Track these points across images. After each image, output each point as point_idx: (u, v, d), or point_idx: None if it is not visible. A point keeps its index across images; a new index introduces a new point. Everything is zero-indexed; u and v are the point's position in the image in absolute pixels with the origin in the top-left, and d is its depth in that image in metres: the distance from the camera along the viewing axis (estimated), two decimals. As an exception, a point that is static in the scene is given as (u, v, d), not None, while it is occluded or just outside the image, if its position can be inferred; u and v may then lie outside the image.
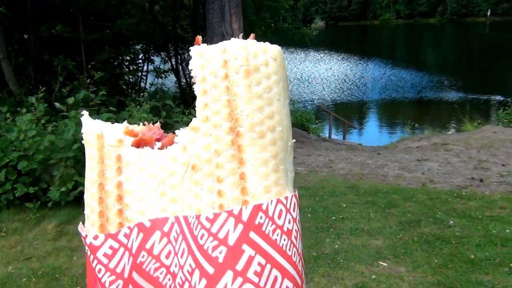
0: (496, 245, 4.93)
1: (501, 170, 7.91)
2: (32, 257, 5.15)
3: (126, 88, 14.84)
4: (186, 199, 0.78)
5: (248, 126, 0.76)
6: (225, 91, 0.77)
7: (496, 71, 33.62)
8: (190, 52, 0.80)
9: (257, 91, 0.77)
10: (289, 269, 0.74)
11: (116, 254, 0.79)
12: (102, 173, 0.83)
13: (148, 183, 0.81)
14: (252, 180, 0.76)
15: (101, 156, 0.84)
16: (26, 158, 6.30)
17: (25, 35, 11.88)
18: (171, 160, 0.80)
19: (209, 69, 0.78)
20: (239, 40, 0.80)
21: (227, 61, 0.78)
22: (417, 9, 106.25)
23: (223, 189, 0.75)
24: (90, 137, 0.86)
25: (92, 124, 0.89)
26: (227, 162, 0.76)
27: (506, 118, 14.54)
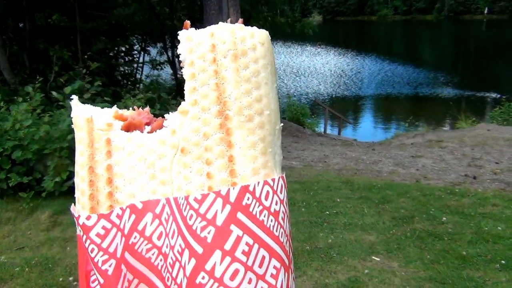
0: (488, 242, 4.98)
1: (494, 167, 7.97)
2: (25, 247, 5.14)
3: (121, 79, 14.75)
4: (176, 181, 0.79)
5: (236, 109, 0.77)
6: (213, 75, 0.78)
7: (492, 69, 33.73)
8: (178, 37, 0.80)
9: (244, 75, 0.78)
10: (277, 249, 0.76)
11: (109, 234, 0.80)
12: (92, 157, 0.84)
13: (137, 166, 0.82)
14: (240, 163, 0.77)
15: (91, 139, 0.84)
16: (20, 147, 6.27)
17: (20, 24, 11.77)
18: (160, 142, 0.80)
19: (197, 53, 0.79)
20: (226, 24, 0.80)
21: (215, 45, 0.78)
22: (415, 6, 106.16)
23: (212, 171, 0.77)
24: (80, 121, 0.86)
25: (81, 108, 0.89)
26: (216, 145, 0.77)
27: (501, 116, 14.61)
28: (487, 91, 25.02)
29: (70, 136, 6.21)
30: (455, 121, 15.54)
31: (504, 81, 29.12)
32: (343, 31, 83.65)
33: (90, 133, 0.85)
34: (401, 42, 61.74)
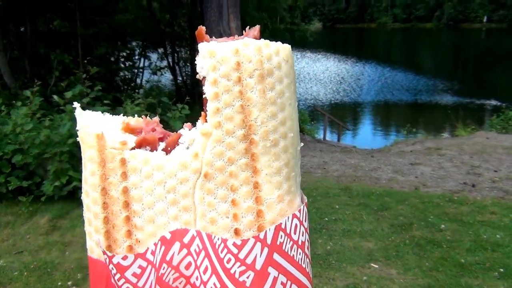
0: (486, 250, 4.99)
1: (493, 176, 7.99)
2: (24, 251, 5.14)
3: (122, 84, 14.80)
4: (199, 207, 0.77)
5: (262, 134, 0.75)
6: (238, 96, 0.74)
7: (491, 77, 33.84)
8: (199, 49, 0.76)
9: (270, 97, 0.75)
10: (305, 282, 0.80)
11: (145, 272, 0.79)
12: (104, 177, 0.79)
13: (157, 190, 0.78)
14: (266, 190, 0.76)
15: (103, 158, 0.79)
16: (21, 151, 6.28)
17: (21, 28, 11.82)
18: (181, 166, 0.77)
19: (221, 71, 0.74)
20: (252, 41, 0.76)
21: (240, 64, 0.74)
22: (414, 14, 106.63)
23: (237, 199, 0.75)
24: (89, 138, 0.80)
25: (87, 119, 0.84)
26: (241, 171, 0.75)
27: (500, 124, 14.65)
28: (486, 99, 25.11)
29: (70, 140, 6.23)
30: (454, 128, 15.58)
31: (503, 89, 29.21)
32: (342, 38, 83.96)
33: (101, 151, 0.79)
34: (401, 50, 61.95)
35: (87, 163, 0.80)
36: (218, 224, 0.76)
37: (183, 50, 17.10)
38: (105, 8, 12.65)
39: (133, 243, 0.79)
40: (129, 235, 0.79)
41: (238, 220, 0.76)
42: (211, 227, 0.76)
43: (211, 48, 0.75)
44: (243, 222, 0.76)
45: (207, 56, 0.75)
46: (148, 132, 0.83)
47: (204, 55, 0.75)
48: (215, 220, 0.76)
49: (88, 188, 0.81)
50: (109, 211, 0.80)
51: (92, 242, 0.84)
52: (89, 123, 0.83)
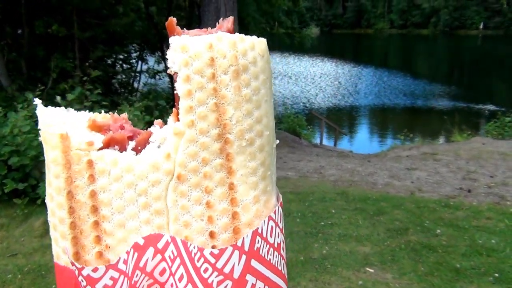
0: (482, 255, 5.00)
1: (489, 181, 8.02)
2: (18, 254, 5.11)
3: (119, 87, 14.80)
4: (172, 210, 0.74)
5: (238, 133, 0.72)
6: (212, 94, 0.71)
7: (487, 83, 34.05)
8: (171, 42, 0.73)
9: (246, 94, 0.73)
10: (281, 284, 0.79)
11: (117, 283, 0.75)
12: (70, 180, 0.74)
13: (127, 193, 0.74)
14: (241, 191, 0.74)
15: (68, 160, 0.74)
16: (17, 153, 6.26)
17: (18, 30, 11.81)
18: (152, 167, 0.73)
19: (194, 67, 0.71)
20: (226, 35, 0.72)
21: (214, 59, 0.71)
22: (411, 20, 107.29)
23: (212, 201, 0.73)
24: (52, 138, 0.74)
25: (49, 116, 0.79)
26: (216, 172, 0.73)
27: (496, 130, 14.71)
28: (482, 104, 25.24)
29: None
30: (450, 134, 15.64)
31: (498, 95, 29.39)
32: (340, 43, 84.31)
33: (66, 153, 0.73)
34: (397, 55, 62.25)
35: (50, 165, 0.75)
36: (192, 227, 0.73)
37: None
38: (103, 11, 12.66)
39: (103, 249, 0.75)
40: (98, 241, 0.75)
41: (213, 223, 0.73)
42: (185, 231, 0.73)
43: (183, 42, 0.71)
44: (218, 224, 0.73)
45: (179, 51, 0.71)
46: (116, 130, 0.78)
47: (176, 49, 0.71)
48: (189, 223, 0.73)
49: (53, 192, 0.75)
50: (76, 216, 0.75)
51: (58, 248, 0.78)
52: (52, 121, 0.78)
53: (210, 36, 0.72)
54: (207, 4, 12.01)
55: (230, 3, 12.08)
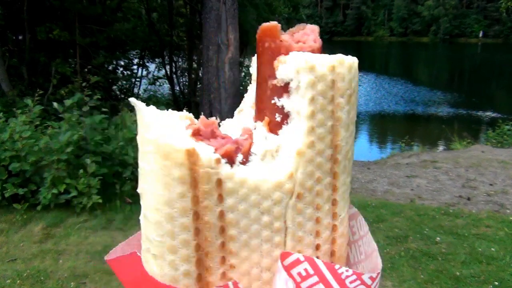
0: (481, 263, 4.99)
1: (488, 189, 8.01)
2: (17, 259, 5.10)
3: (119, 93, 14.84)
4: (291, 228, 0.76)
5: (345, 153, 0.77)
6: (330, 116, 0.74)
7: (487, 91, 34.14)
8: (296, 60, 0.73)
9: (352, 116, 0.77)
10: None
11: None
12: (197, 200, 0.70)
13: (252, 212, 0.73)
14: (340, 206, 0.80)
15: (195, 178, 0.69)
16: (18, 158, 6.26)
17: (20, 36, 11.86)
18: (276, 187, 0.73)
19: (319, 89, 0.73)
20: (345, 58, 0.76)
21: (335, 82, 0.73)
22: (411, 28, 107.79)
23: (320, 216, 0.78)
24: (177, 155, 0.68)
25: (149, 120, 0.72)
26: (325, 190, 0.77)
27: (495, 138, 14.72)
28: (481, 112, 25.28)
29: (69, 148, 6.23)
30: (449, 142, 15.64)
31: (498, 103, 29.45)
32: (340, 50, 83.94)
33: (194, 171, 0.69)
34: (398, 63, 62.42)
35: (173, 183, 0.69)
36: (304, 242, 0.77)
37: (181, 60, 17.18)
38: (104, 17, 12.73)
39: (227, 269, 0.74)
40: (223, 261, 0.73)
41: (319, 236, 0.78)
42: (298, 245, 0.77)
43: (311, 61, 0.73)
44: (322, 237, 0.78)
45: (307, 70, 0.72)
46: (208, 135, 0.76)
47: (304, 68, 0.72)
48: (302, 238, 0.77)
49: (175, 213, 0.70)
50: (201, 237, 0.72)
51: (176, 272, 0.74)
52: (149, 124, 0.72)
53: (331, 57, 0.75)
54: (208, 11, 12.07)
55: (231, 10, 12.14)
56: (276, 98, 0.76)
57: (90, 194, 6.27)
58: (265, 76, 0.78)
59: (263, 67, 0.79)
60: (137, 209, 6.55)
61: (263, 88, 0.78)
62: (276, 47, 0.77)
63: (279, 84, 0.75)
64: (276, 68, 0.75)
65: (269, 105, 0.77)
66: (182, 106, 12.35)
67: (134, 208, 6.57)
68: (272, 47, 0.77)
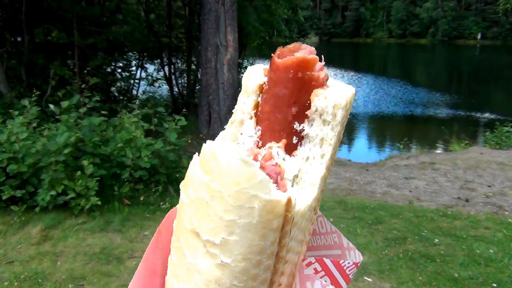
0: (480, 265, 4.99)
1: (487, 191, 8.02)
2: (15, 261, 5.08)
3: (118, 95, 14.82)
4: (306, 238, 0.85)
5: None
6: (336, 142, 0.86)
7: (485, 93, 34.20)
8: (335, 97, 0.81)
9: (339, 133, 0.85)
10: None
11: None
12: (279, 241, 0.71)
13: (300, 236, 0.80)
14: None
15: (283, 224, 0.70)
16: (15, 160, 6.24)
17: (18, 38, 11.84)
18: (310, 207, 0.80)
19: (343, 121, 0.85)
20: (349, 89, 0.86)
21: (348, 110, 0.87)
22: (409, 29, 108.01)
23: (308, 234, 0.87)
24: (278, 207, 0.68)
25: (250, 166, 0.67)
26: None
27: (493, 140, 14.73)
28: (480, 113, 25.32)
29: (66, 150, 6.21)
30: (448, 143, 15.66)
31: (496, 104, 29.49)
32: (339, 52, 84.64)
33: (285, 218, 0.70)
34: (396, 64, 62.51)
35: (269, 233, 0.69)
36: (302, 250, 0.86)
37: (179, 61, 17.18)
38: (103, 19, 12.72)
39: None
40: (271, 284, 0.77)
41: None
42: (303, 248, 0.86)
43: (346, 98, 0.84)
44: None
45: (343, 108, 0.82)
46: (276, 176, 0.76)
47: (339, 104, 0.82)
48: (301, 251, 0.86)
49: (264, 258, 0.71)
50: (274, 271, 0.76)
51: None
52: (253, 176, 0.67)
53: (349, 92, 0.85)
54: (207, 12, 12.08)
55: (230, 12, 12.15)
56: (297, 123, 0.81)
57: (88, 196, 6.26)
58: (290, 102, 0.81)
59: (288, 93, 0.81)
60: (135, 211, 6.56)
61: (284, 112, 0.81)
62: (309, 78, 0.81)
63: (311, 115, 0.81)
64: (312, 100, 0.81)
65: (288, 129, 0.81)
66: (180, 107, 12.33)
67: (132, 210, 6.56)
68: (305, 79, 0.81)
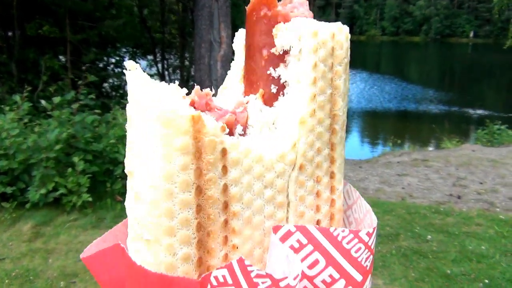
0: (472, 261, 5.02)
1: (479, 188, 8.07)
2: (5, 258, 5.03)
3: (110, 90, 14.73)
4: (293, 202, 0.73)
5: (341, 123, 0.76)
6: (330, 84, 0.72)
7: (477, 91, 34.43)
8: (299, 25, 0.70)
9: (348, 86, 0.76)
10: None
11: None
12: (199, 172, 0.62)
13: (256, 186, 0.68)
14: (337, 179, 0.79)
15: (199, 148, 0.62)
16: (6, 157, 6.18)
17: (9, 33, 11.71)
18: (280, 158, 0.69)
19: (320, 55, 0.70)
20: (343, 26, 0.74)
21: (334, 49, 0.72)
22: (402, 27, 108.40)
23: (320, 190, 0.77)
24: (180, 121, 0.61)
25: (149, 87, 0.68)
26: (324, 161, 0.76)
27: (485, 137, 14.84)
28: (472, 110, 25.50)
29: (57, 146, 6.14)
30: (440, 141, 15.74)
31: (488, 102, 29.72)
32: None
33: (198, 139, 0.62)
34: (390, 62, 62.73)
35: (174, 153, 0.61)
36: (305, 218, 0.74)
37: (173, 57, 17.10)
38: (95, 14, 12.61)
39: (229, 250, 0.67)
40: (225, 241, 0.67)
41: (319, 211, 0.76)
42: (300, 221, 0.73)
43: (315, 27, 0.70)
44: (322, 212, 0.76)
45: (310, 36, 0.69)
46: (203, 107, 0.69)
47: (307, 33, 0.69)
48: (303, 213, 0.74)
49: (175, 188, 0.62)
50: (203, 215, 0.64)
51: (173, 257, 0.64)
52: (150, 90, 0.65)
53: (332, 25, 0.73)
54: (201, 8, 12.02)
55: (224, 8, 12.09)
56: (272, 69, 0.74)
57: (80, 193, 6.20)
58: (260, 46, 0.74)
59: (257, 37, 0.75)
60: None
61: (257, 60, 0.75)
62: (273, 15, 0.74)
63: (278, 52, 0.73)
64: (275, 36, 0.73)
65: (264, 77, 0.74)
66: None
67: (124, 207, 6.51)
68: (269, 16, 0.74)
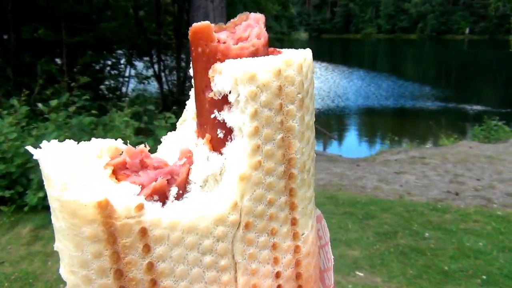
0: (469, 257, 5.05)
1: (476, 184, 8.10)
2: (5, 262, 5.03)
3: (107, 93, 14.72)
4: (241, 263, 0.66)
5: (301, 166, 0.67)
6: (279, 128, 0.63)
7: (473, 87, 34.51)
8: (232, 69, 0.60)
9: (308, 122, 0.66)
10: None
11: None
12: (117, 257, 0.59)
13: (190, 255, 0.63)
14: (302, 223, 0.70)
15: (111, 233, 0.58)
16: (4, 160, 6.17)
17: (5, 36, 11.68)
18: (217, 221, 0.63)
19: (262, 100, 0.61)
20: (293, 57, 0.63)
21: (282, 88, 0.62)
22: (398, 25, 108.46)
23: (277, 242, 0.69)
24: (85, 210, 0.57)
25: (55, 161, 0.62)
26: (280, 211, 0.68)
27: (482, 134, 14.89)
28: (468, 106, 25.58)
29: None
30: (437, 138, 15.78)
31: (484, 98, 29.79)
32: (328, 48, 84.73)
33: (109, 225, 0.58)
34: (386, 59, 62.78)
35: (84, 242, 0.59)
36: (260, 273, 0.68)
37: (169, 59, 17.09)
38: (91, 16, 12.59)
39: None
40: None
41: (278, 263, 0.69)
42: (253, 279, 0.67)
43: (251, 69, 0.60)
44: (283, 263, 0.69)
45: (246, 80, 0.60)
46: (136, 167, 0.64)
47: (239, 77, 0.60)
48: (257, 270, 0.67)
49: (92, 275, 0.60)
50: None
51: None
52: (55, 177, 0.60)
53: (276, 59, 0.62)
54: (196, 9, 12.01)
55: (219, 8, 12.09)
56: (216, 112, 0.65)
57: (79, 195, 6.19)
58: (202, 87, 0.66)
59: (198, 76, 0.66)
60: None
61: (201, 101, 0.66)
62: (211, 51, 0.65)
63: (217, 97, 0.64)
64: (212, 79, 0.64)
65: (209, 120, 0.66)
66: (170, 105, 12.27)
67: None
68: (207, 52, 0.65)
